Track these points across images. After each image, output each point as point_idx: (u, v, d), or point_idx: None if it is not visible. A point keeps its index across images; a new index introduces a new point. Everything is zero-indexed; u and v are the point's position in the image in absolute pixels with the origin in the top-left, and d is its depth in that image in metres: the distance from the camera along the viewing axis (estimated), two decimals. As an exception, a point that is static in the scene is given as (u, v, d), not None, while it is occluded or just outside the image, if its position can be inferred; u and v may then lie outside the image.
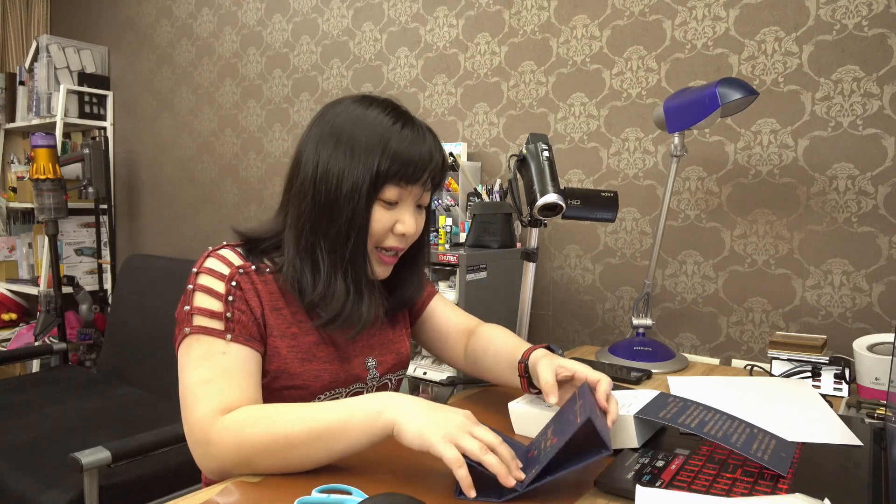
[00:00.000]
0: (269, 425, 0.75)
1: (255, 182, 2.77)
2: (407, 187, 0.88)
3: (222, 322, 0.84)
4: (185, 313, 0.85)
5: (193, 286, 0.87)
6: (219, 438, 0.77)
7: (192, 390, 0.81)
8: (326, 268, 0.88)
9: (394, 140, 0.85)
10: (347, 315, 0.88)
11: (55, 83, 3.21)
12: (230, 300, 0.85)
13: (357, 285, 0.89)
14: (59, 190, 2.82)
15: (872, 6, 1.46)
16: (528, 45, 1.98)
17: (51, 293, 2.99)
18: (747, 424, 0.86)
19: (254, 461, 0.76)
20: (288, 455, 0.75)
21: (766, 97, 1.58)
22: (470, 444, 0.70)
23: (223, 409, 0.79)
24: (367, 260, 0.90)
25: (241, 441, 0.76)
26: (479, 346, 1.04)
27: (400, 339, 1.05)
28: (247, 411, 0.78)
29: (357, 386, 0.97)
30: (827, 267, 1.54)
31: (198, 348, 0.83)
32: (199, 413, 0.79)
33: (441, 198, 1.98)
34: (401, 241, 0.91)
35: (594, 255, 1.89)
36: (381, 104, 0.89)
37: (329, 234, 0.87)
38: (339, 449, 0.75)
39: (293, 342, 0.90)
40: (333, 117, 0.89)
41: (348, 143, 0.86)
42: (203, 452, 0.79)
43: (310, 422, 0.75)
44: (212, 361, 0.82)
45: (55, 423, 1.81)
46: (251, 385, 0.83)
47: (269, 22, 2.67)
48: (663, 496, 0.69)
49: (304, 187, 0.88)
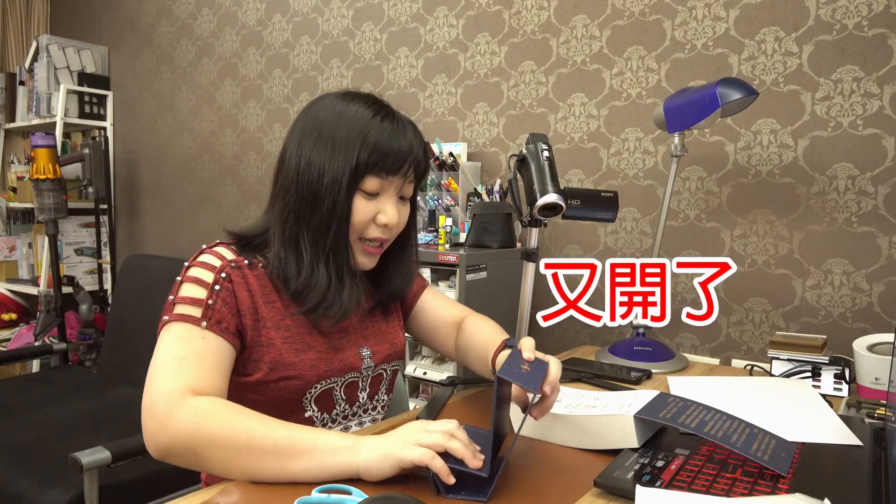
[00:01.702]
0: (235, 422, 0.75)
1: (255, 182, 2.77)
2: (387, 178, 0.89)
3: (202, 309, 0.84)
4: (168, 303, 0.87)
5: (182, 278, 0.88)
6: (180, 416, 0.75)
7: (165, 364, 0.80)
8: (309, 256, 0.89)
9: (373, 132, 0.88)
10: (329, 302, 0.89)
11: (55, 83, 3.21)
12: (216, 289, 0.86)
13: (339, 273, 0.91)
14: (59, 190, 2.82)
15: (872, 6, 1.46)
16: (528, 45, 1.98)
17: (51, 293, 2.99)
18: (747, 424, 0.86)
19: (205, 451, 0.74)
20: (240, 456, 0.74)
21: (766, 97, 1.58)
22: (430, 438, 0.73)
23: (193, 389, 0.78)
24: (350, 250, 0.92)
25: (202, 425, 0.74)
26: (463, 340, 1.06)
27: (393, 331, 1.06)
28: (218, 402, 0.78)
29: (352, 375, 0.97)
30: (827, 267, 1.54)
31: (177, 330, 0.83)
32: (169, 385, 0.78)
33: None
34: (384, 231, 0.92)
35: (594, 256, 1.89)
36: (362, 98, 0.91)
37: (311, 225, 0.89)
38: (293, 470, 0.73)
39: (287, 333, 0.91)
40: (316, 112, 0.91)
41: (329, 137, 0.88)
42: (158, 425, 0.76)
43: (275, 433, 0.74)
44: (191, 344, 0.82)
45: (55, 423, 1.80)
46: (221, 377, 0.84)
47: (269, 22, 2.67)
48: (663, 496, 0.69)
49: (287, 181, 0.90)
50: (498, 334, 1.01)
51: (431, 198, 1.99)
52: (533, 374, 0.80)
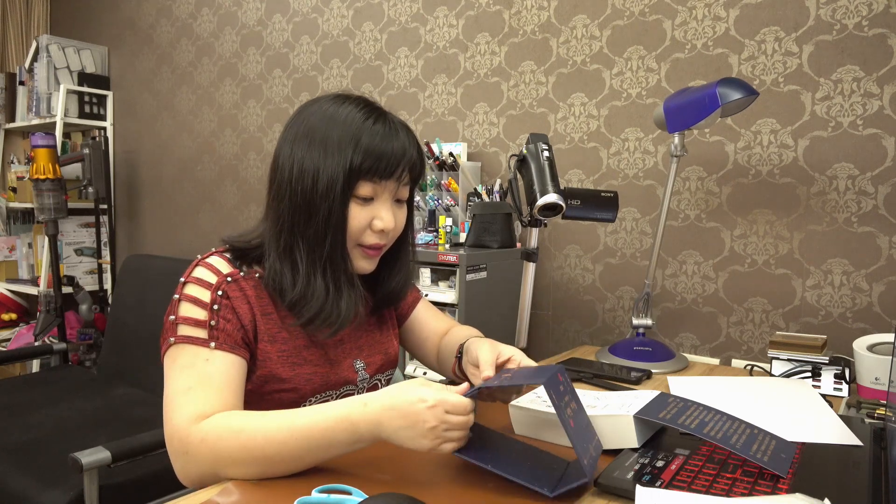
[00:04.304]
0: (245, 440, 0.75)
1: (255, 182, 2.77)
2: (381, 182, 0.88)
3: (206, 330, 0.84)
4: (170, 323, 0.85)
5: (179, 296, 0.87)
6: (195, 449, 0.77)
7: (172, 399, 0.81)
8: (305, 267, 0.88)
9: (365, 135, 0.86)
10: (328, 313, 0.88)
11: (55, 83, 3.21)
12: (215, 308, 0.85)
13: (336, 282, 0.89)
14: (59, 190, 2.82)
15: (872, 6, 1.46)
16: (528, 45, 1.98)
17: (51, 293, 2.99)
18: (747, 425, 0.86)
19: (230, 471, 0.76)
20: (264, 470, 0.76)
21: (766, 97, 1.58)
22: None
23: (199, 416, 0.78)
24: (347, 258, 0.90)
25: (218, 452, 0.76)
26: (442, 347, 1.07)
27: (388, 339, 1.05)
28: (223, 420, 0.78)
29: (347, 388, 0.97)
30: (827, 267, 1.54)
31: (182, 357, 0.83)
32: (176, 422, 0.79)
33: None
34: (381, 237, 0.91)
35: (594, 255, 1.89)
36: (353, 101, 0.90)
37: (307, 234, 0.87)
38: (316, 461, 0.77)
39: (283, 346, 0.90)
40: (308, 117, 0.89)
41: (322, 142, 0.86)
42: (182, 464, 0.79)
43: (287, 441, 0.75)
44: (194, 369, 0.82)
45: (55, 423, 1.80)
46: (232, 393, 0.83)
47: (269, 22, 2.67)
48: (663, 496, 0.69)
49: (281, 188, 0.89)
50: (472, 335, 1.03)
51: (431, 198, 1.99)
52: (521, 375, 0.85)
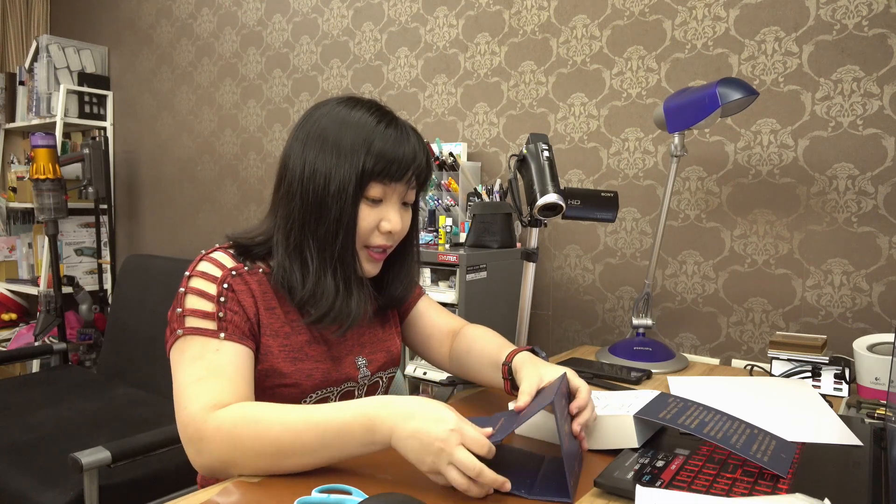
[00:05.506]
0: (261, 430, 0.75)
1: (255, 182, 2.77)
2: (391, 185, 0.89)
3: (215, 322, 0.84)
4: (176, 315, 0.86)
5: (185, 289, 0.87)
6: (211, 435, 0.77)
7: (185, 388, 0.81)
8: (315, 266, 0.89)
9: (378, 139, 0.87)
10: (337, 312, 0.89)
11: (55, 83, 3.21)
12: (222, 301, 0.86)
13: (346, 282, 0.91)
14: (59, 190, 2.82)
15: (872, 6, 1.46)
16: (528, 45, 1.98)
17: (51, 293, 2.99)
18: (747, 425, 0.86)
19: (244, 462, 0.76)
20: (277, 462, 0.76)
21: (766, 97, 1.58)
22: (454, 477, 0.70)
23: (215, 405, 0.79)
24: (356, 258, 0.92)
25: (233, 440, 0.76)
26: (462, 346, 1.05)
27: (390, 338, 1.06)
28: (240, 409, 0.78)
29: (349, 385, 0.97)
30: (827, 267, 1.54)
31: (191, 348, 0.83)
32: (191, 409, 0.79)
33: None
34: (387, 238, 0.92)
35: (594, 255, 1.89)
36: (365, 105, 0.91)
37: (318, 234, 0.89)
38: (329, 459, 0.76)
39: (285, 341, 0.90)
40: (319, 119, 0.91)
41: (334, 144, 0.88)
42: (196, 449, 0.78)
43: (302, 433, 0.75)
44: (205, 360, 0.82)
45: (55, 423, 1.80)
46: (244, 382, 0.84)
47: (269, 22, 2.67)
48: (663, 496, 0.69)
49: (292, 188, 0.90)
50: (504, 344, 1.00)
51: (431, 198, 1.99)
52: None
